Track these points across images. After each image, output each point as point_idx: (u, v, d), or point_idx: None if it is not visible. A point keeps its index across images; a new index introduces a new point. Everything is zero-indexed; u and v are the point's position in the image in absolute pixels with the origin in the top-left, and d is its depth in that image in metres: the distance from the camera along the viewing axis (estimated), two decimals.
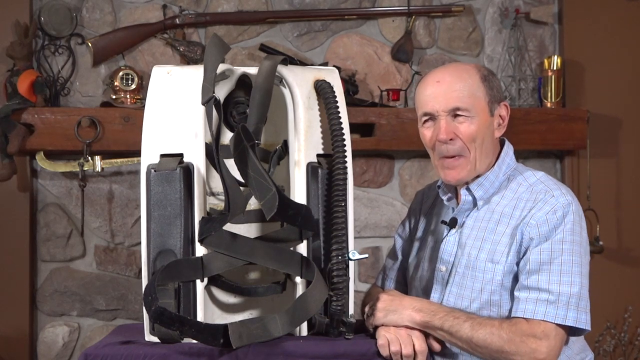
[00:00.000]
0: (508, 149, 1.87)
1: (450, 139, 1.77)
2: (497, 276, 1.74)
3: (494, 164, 1.83)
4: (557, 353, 1.66)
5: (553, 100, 3.12)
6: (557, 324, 1.65)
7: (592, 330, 3.05)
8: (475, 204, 1.83)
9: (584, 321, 1.68)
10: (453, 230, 1.84)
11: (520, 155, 3.21)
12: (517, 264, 1.73)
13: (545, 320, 1.64)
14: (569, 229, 1.70)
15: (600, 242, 3.10)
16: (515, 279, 1.73)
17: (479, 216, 1.82)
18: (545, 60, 3.15)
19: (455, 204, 1.87)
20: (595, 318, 3.06)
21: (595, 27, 3.21)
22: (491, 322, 1.68)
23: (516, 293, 1.70)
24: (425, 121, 1.83)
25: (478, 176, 1.82)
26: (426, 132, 1.83)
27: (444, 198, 1.90)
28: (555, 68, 3.11)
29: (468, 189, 1.83)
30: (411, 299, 1.78)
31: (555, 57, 3.13)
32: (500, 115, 1.83)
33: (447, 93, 1.77)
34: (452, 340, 1.70)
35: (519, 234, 1.73)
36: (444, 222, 1.88)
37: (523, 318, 1.66)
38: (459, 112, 1.77)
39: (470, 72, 1.81)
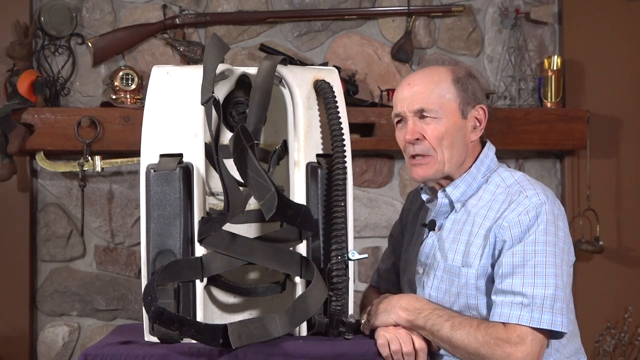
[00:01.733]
0: (488, 150, 1.86)
1: (417, 139, 1.79)
2: (470, 280, 1.73)
3: (471, 166, 1.83)
4: (535, 358, 1.63)
5: (553, 100, 3.12)
6: (533, 328, 1.62)
7: (592, 330, 3.10)
8: (452, 206, 1.82)
9: (559, 323, 1.63)
10: (432, 233, 1.85)
11: (520, 155, 3.21)
12: (492, 266, 1.72)
13: (520, 324, 1.62)
14: (542, 230, 1.68)
15: (600, 242, 3.09)
16: (491, 281, 1.72)
17: (456, 218, 1.81)
18: (545, 60, 3.15)
19: (433, 206, 1.86)
20: (595, 318, 3.11)
21: (595, 27, 3.21)
22: (470, 323, 1.67)
23: (493, 297, 1.69)
24: (397, 122, 1.85)
25: (453, 179, 1.82)
26: (398, 134, 1.85)
27: (425, 199, 1.90)
28: (555, 68, 3.11)
29: (444, 192, 1.82)
30: (399, 298, 1.78)
31: (555, 57, 3.13)
32: (476, 118, 1.82)
33: (414, 95, 1.79)
34: (434, 340, 1.69)
35: (492, 236, 1.72)
36: (424, 225, 1.88)
37: (500, 322, 1.65)
38: (425, 114, 1.78)
39: (442, 75, 1.81)
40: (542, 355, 1.65)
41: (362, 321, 1.77)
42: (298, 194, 1.72)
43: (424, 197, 1.90)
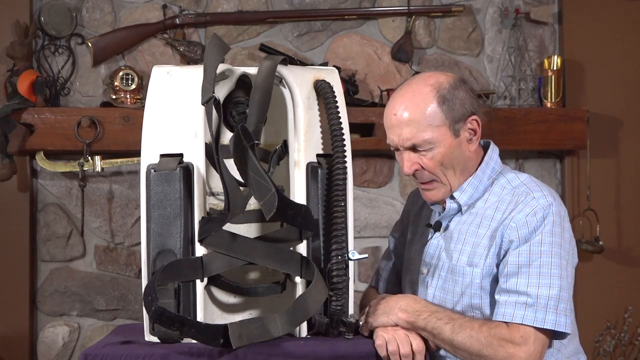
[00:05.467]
0: (492, 152, 1.84)
1: (416, 170, 1.77)
2: (475, 279, 1.73)
3: (476, 169, 1.81)
4: (537, 358, 1.63)
5: (553, 100, 3.12)
6: (536, 328, 1.63)
7: (592, 330, 3.10)
8: (460, 209, 1.82)
9: (563, 324, 1.63)
10: (437, 234, 1.84)
11: (520, 155, 3.22)
12: (497, 266, 1.72)
13: (524, 324, 1.62)
14: (548, 231, 1.68)
15: (600, 242, 3.10)
16: (495, 281, 1.72)
17: (462, 219, 1.81)
18: (545, 60, 3.15)
19: (441, 209, 1.86)
20: (595, 318, 3.11)
21: (595, 27, 3.21)
22: (471, 325, 1.66)
23: (496, 296, 1.69)
24: (394, 149, 1.81)
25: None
26: (398, 158, 1.82)
27: (430, 204, 1.88)
28: (555, 68, 3.11)
29: (452, 197, 1.81)
30: (397, 298, 1.77)
31: (555, 57, 3.13)
32: (470, 129, 1.78)
33: (402, 129, 1.74)
34: (435, 342, 1.69)
35: (499, 236, 1.72)
36: (428, 225, 1.88)
37: (503, 322, 1.65)
38: (417, 148, 1.75)
39: (427, 98, 1.73)
40: (543, 355, 1.66)
41: (360, 322, 1.77)
42: (298, 194, 1.72)
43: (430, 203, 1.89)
